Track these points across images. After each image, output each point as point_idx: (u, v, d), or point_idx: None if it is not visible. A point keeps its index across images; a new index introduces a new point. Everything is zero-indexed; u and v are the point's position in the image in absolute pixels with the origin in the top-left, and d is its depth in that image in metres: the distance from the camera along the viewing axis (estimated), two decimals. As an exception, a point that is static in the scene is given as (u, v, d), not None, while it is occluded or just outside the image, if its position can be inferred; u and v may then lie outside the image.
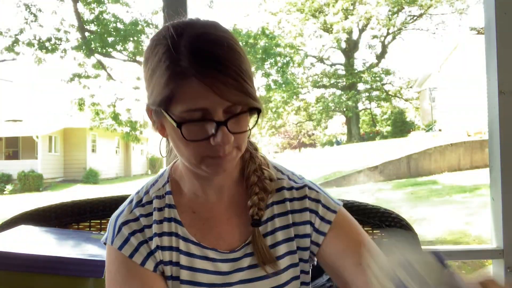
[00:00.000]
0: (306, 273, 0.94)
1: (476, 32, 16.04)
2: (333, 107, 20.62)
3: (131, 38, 11.37)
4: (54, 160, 16.27)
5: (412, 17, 20.52)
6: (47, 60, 12.78)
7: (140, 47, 11.20)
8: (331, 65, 20.99)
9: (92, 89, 11.80)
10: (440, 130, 16.67)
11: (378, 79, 20.60)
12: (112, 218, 0.93)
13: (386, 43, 20.78)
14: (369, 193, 10.30)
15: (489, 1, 1.74)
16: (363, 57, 26.85)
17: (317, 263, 0.97)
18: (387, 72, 20.83)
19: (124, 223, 0.90)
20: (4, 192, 14.14)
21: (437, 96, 18.60)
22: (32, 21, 11.47)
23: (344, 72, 20.52)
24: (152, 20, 11.48)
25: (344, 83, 20.37)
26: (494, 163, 1.75)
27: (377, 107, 22.12)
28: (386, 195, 10.06)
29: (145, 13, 13.15)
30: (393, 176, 11.75)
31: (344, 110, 20.22)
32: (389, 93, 21.37)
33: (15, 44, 11.28)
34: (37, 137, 15.57)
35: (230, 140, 0.79)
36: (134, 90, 11.91)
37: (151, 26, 11.37)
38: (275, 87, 13.74)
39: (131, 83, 11.94)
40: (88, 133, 16.61)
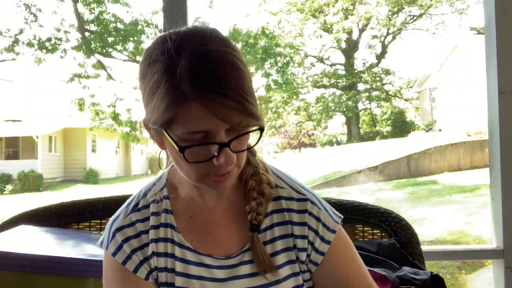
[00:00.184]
0: (307, 281, 0.94)
1: (476, 32, 16.03)
2: (333, 107, 20.60)
3: (131, 38, 11.36)
4: (54, 160, 16.26)
5: (412, 17, 20.50)
6: (47, 60, 12.77)
7: (140, 47, 11.18)
8: (331, 65, 20.97)
9: (92, 89, 11.80)
10: (440, 130, 16.66)
11: (378, 79, 20.58)
12: (108, 223, 0.93)
13: (386, 43, 20.76)
14: (369, 193, 10.29)
15: (489, 1, 1.74)
16: (363, 57, 26.76)
17: None
18: (387, 72, 20.81)
19: (118, 229, 0.90)
20: (4, 192, 14.13)
21: (437, 96, 18.59)
22: (32, 21, 11.47)
23: (344, 72, 20.49)
24: (152, 20, 11.48)
25: (344, 83, 20.35)
26: (494, 163, 1.75)
27: (377, 107, 22.10)
28: (386, 195, 10.06)
29: (145, 13, 13.14)
30: (393, 176, 11.74)
31: (344, 110, 20.20)
32: (389, 93, 21.35)
33: (15, 44, 11.28)
34: (37, 137, 15.56)
35: (233, 161, 0.78)
36: (134, 90, 11.91)
37: (151, 26, 11.38)
38: (275, 87, 13.73)
39: (131, 83, 11.93)
40: (88, 133, 16.60)
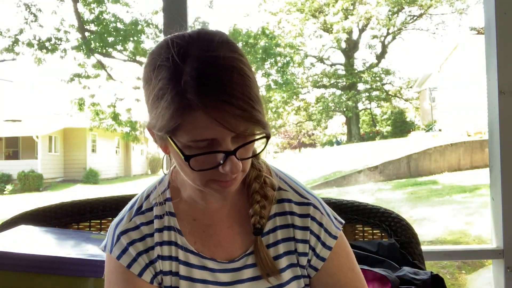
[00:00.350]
0: (307, 285, 0.93)
1: (476, 32, 16.03)
2: (333, 107, 20.60)
3: (131, 38, 11.35)
4: (54, 160, 16.26)
5: (412, 17, 20.49)
6: (47, 60, 12.79)
7: (140, 47, 11.18)
8: (331, 65, 20.97)
9: (92, 89, 11.80)
10: (440, 130, 16.66)
11: (378, 79, 20.58)
12: (112, 226, 0.92)
13: (386, 43, 20.76)
14: (369, 193, 10.29)
15: (489, 1, 1.74)
16: (363, 57, 26.77)
17: None
18: (387, 72, 20.81)
19: (123, 233, 0.89)
20: (4, 192, 14.13)
21: (437, 96, 18.59)
22: (32, 21, 11.48)
23: (344, 72, 20.49)
24: (152, 20, 11.47)
25: (344, 83, 20.35)
26: (494, 163, 1.75)
27: (377, 107, 22.09)
28: (386, 195, 10.06)
29: (145, 13, 13.12)
30: (393, 176, 11.74)
31: (344, 110, 20.19)
32: (389, 93, 21.34)
33: (15, 44, 11.28)
34: (37, 137, 15.55)
35: (239, 169, 0.78)
36: (134, 90, 11.91)
37: (151, 26, 11.37)
38: (275, 87, 13.73)
39: (131, 83, 11.94)
40: (88, 133, 16.60)
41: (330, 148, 18.77)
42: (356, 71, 20.31)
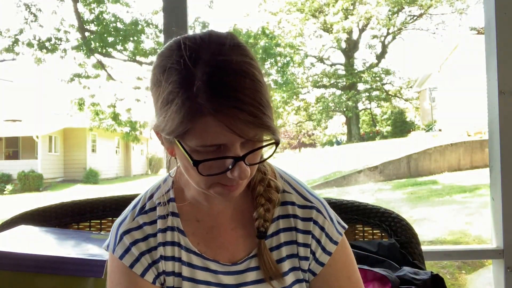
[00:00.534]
0: None
1: (476, 32, 16.02)
2: (333, 107, 20.61)
3: (131, 38, 11.35)
4: (54, 160, 16.26)
5: (412, 17, 20.50)
6: (47, 60, 12.79)
7: (140, 47, 11.18)
8: (331, 65, 20.98)
9: (92, 89, 11.79)
10: (440, 130, 16.65)
11: (378, 79, 20.59)
12: (114, 225, 0.92)
13: (386, 43, 20.77)
14: (369, 193, 10.29)
15: (489, 1, 1.74)
16: (363, 57, 26.81)
17: None
18: (387, 72, 20.82)
19: (126, 232, 0.89)
20: (4, 192, 14.13)
21: (437, 96, 18.58)
22: (32, 21, 11.47)
23: (344, 72, 20.49)
24: (152, 20, 11.47)
25: (344, 83, 20.35)
26: (494, 163, 1.75)
27: (377, 107, 22.10)
28: (386, 195, 10.06)
29: (145, 13, 13.11)
30: (393, 176, 11.73)
31: (344, 110, 20.20)
32: (389, 93, 21.35)
33: (15, 44, 11.27)
34: (37, 137, 15.55)
35: (248, 175, 0.77)
36: (134, 90, 11.91)
37: (151, 26, 11.36)
38: (275, 87, 13.73)
39: (131, 83, 11.93)
40: (88, 133, 16.60)
41: (330, 148, 18.77)
42: (356, 71, 20.32)
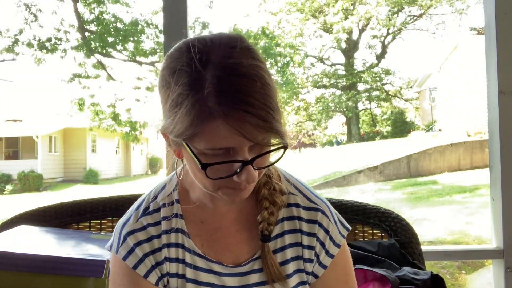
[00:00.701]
0: None
1: (476, 32, 16.02)
2: (333, 107, 20.61)
3: (131, 38, 11.35)
4: (54, 160, 16.26)
5: (412, 17, 20.50)
6: (47, 60, 12.79)
7: (140, 47, 11.17)
8: (331, 65, 20.98)
9: (92, 89, 11.79)
10: (440, 130, 16.65)
11: (378, 79, 20.59)
12: (118, 226, 0.91)
13: (386, 43, 20.77)
14: (369, 193, 10.29)
15: (489, 1, 1.74)
16: (363, 57, 26.77)
17: None
18: (387, 72, 20.82)
19: (130, 233, 0.88)
20: (4, 192, 14.13)
21: (437, 96, 18.58)
22: (32, 21, 11.46)
23: (344, 72, 20.49)
24: (152, 20, 11.47)
25: (344, 83, 20.35)
26: (494, 163, 1.75)
27: (377, 107, 22.10)
28: (386, 195, 10.06)
29: (145, 13, 13.11)
30: (393, 176, 11.74)
31: (344, 110, 20.20)
32: (389, 93, 21.35)
33: (15, 44, 11.27)
34: (37, 137, 15.56)
35: (255, 179, 0.77)
36: (134, 90, 11.91)
37: (151, 26, 11.36)
38: (275, 87, 13.71)
39: (131, 83, 11.93)
40: (88, 133, 16.61)
41: (330, 148, 18.77)
42: (356, 71, 20.32)
